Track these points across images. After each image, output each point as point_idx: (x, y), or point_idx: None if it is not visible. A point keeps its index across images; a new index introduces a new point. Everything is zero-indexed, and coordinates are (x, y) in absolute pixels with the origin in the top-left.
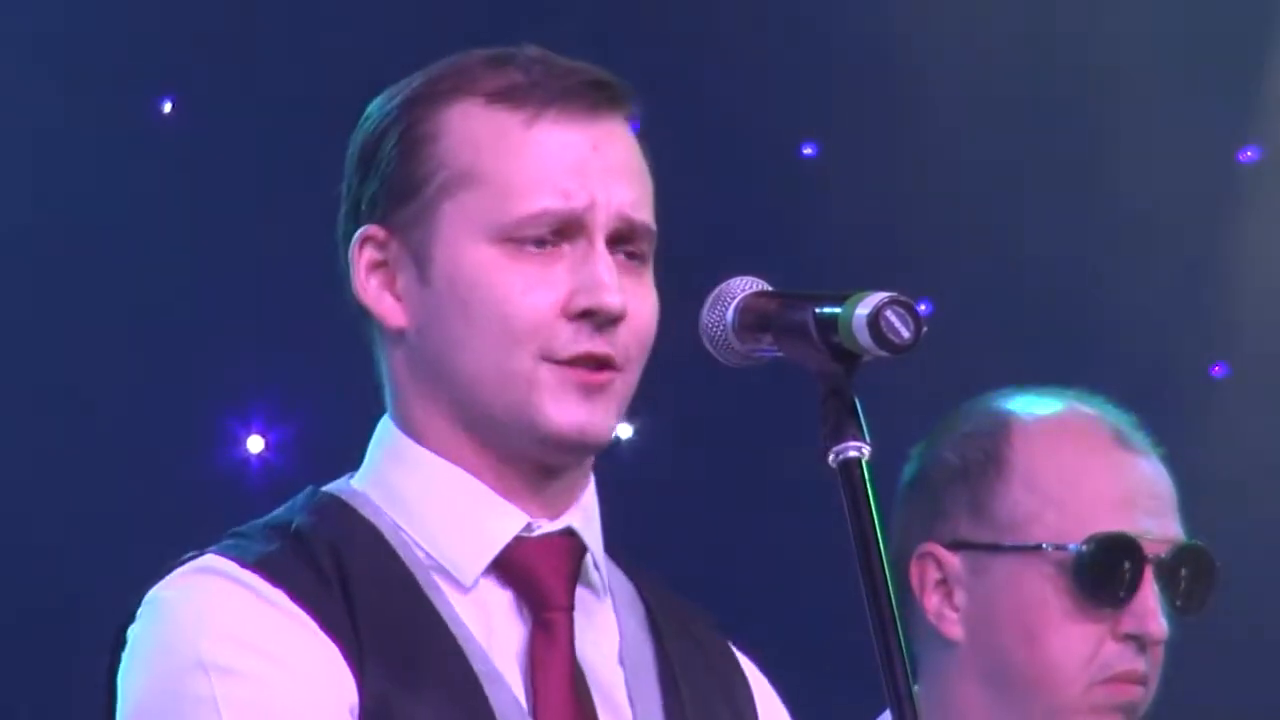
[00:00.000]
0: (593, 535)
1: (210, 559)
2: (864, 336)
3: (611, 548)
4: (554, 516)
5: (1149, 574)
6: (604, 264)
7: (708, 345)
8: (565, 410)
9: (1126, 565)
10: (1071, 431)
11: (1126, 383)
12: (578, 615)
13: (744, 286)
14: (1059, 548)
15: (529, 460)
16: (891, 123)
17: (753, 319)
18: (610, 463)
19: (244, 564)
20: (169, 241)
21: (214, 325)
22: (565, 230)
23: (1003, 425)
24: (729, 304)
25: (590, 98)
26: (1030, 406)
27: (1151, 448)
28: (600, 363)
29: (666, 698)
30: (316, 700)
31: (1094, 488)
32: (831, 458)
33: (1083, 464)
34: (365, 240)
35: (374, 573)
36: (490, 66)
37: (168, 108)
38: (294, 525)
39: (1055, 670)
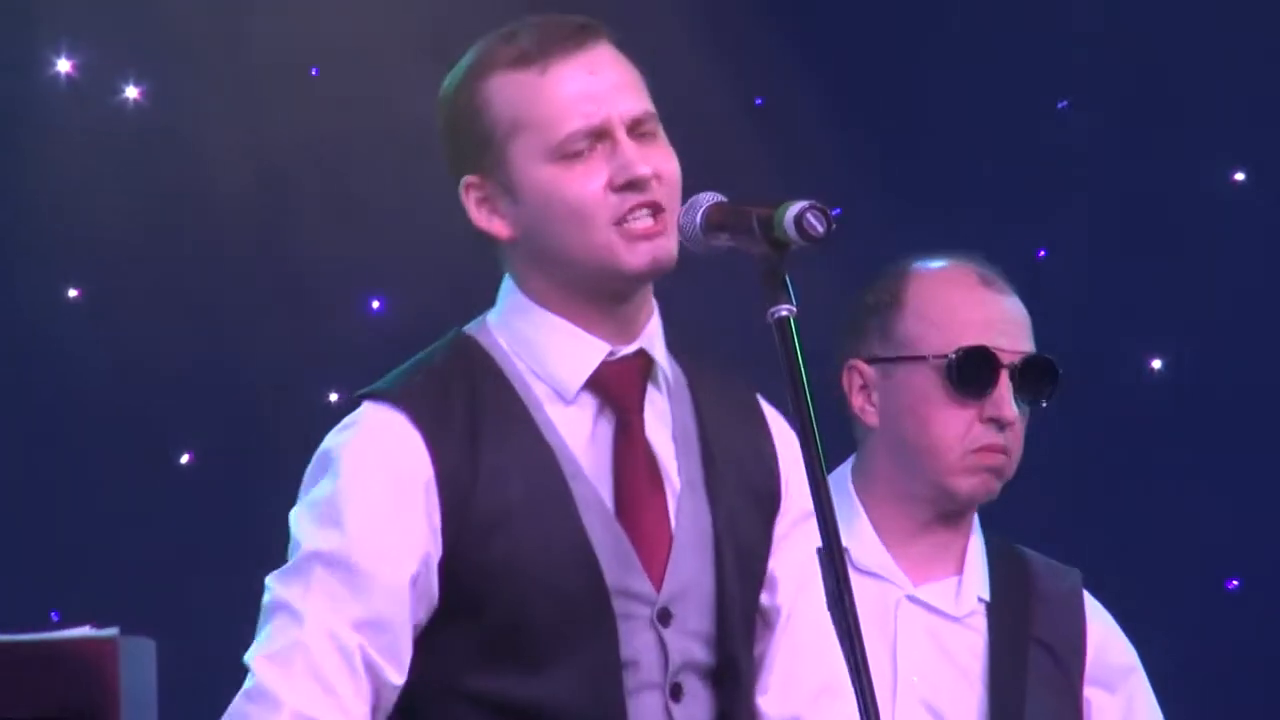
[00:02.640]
0: (659, 351)
1: (372, 414)
2: (791, 230)
3: (674, 349)
4: (629, 342)
5: (1004, 376)
6: (628, 149)
7: (683, 239)
8: (639, 255)
9: (986, 369)
10: (950, 278)
11: (1067, 372)
12: (647, 411)
13: (709, 198)
14: (939, 357)
15: (607, 293)
16: (834, 76)
17: (715, 220)
18: None
19: (386, 400)
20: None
21: (348, 213)
22: (595, 137)
23: (903, 275)
24: (698, 210)
25: (577, 38)
26: (923, 263)
27: (1011, 290)
28: (651, 208)
29: (704, 459)
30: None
31: (964, 316)
32: (769, 317)
33: (957, 299)
34: (468, 187)
35: (496, 393)
36: (504, 43)
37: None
38: (434, 360)
39: (939, 443)
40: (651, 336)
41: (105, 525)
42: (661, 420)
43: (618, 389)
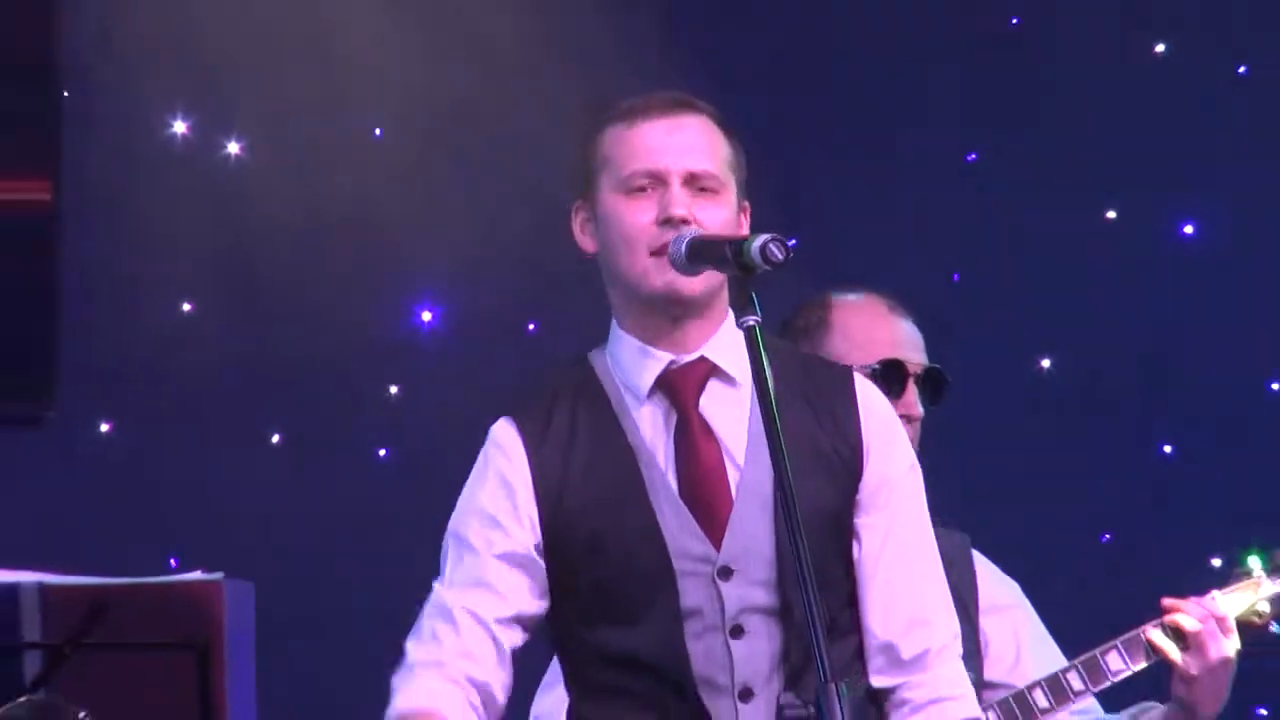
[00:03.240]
0: (725, 356)
1: (494, 428)
2: (757, 257)
3: (770, 348)
4: (691, 351)
5: (911, 382)
6: (673, 193)
7: (671, 265)
8: (663, 282)
9: (898, 377)
10: (865, 306)
11: (965, 374)
12: (716, 405)
13: (691, 231)
14: (862, 368)
15: (662, 317)
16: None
17: (696, 249)
18: None
19: (505, 414)
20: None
21: (405, 240)
22: (654, 180)
23: (827, 304)
24: (682, 242)
25: (666, 106)
26: (840, 294)
27: (910, 316)
28: None
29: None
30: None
31: (879, 336)
32: (740, 326)
33: (873, 322)
34: (576, 209)
35: (593, 403)
36: (621, 104)
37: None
38: (553, 378)
39: None
40: (716, 345)
41: (214, 490)
42: (734, 411)
43: (678, 391)
